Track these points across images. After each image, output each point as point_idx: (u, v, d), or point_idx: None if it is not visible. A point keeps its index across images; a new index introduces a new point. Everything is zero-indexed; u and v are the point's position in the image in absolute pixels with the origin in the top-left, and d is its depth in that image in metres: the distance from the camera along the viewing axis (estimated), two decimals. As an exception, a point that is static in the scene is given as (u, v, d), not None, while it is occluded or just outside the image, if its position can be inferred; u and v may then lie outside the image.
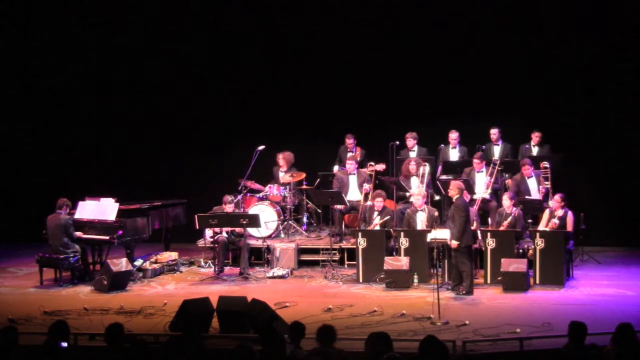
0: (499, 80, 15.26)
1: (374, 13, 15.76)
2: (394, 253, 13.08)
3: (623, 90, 15.19)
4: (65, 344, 7.72)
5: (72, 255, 12.99)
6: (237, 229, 13.74)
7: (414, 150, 14.91)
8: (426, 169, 14.18)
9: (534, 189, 13.98)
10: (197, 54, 16.33)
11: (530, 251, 12.71)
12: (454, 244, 12.04)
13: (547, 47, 15.36)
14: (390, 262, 12.69)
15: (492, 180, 14.04)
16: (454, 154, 14.89)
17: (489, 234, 12.80)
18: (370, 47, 15.79)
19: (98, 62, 16.50)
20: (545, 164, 13.94)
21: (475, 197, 13.76)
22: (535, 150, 14.66)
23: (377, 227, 13.37)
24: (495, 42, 15.42)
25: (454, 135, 14.85)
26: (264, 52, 16.19)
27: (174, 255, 14.20)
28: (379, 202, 13.46)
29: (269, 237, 14.48)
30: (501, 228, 12.89)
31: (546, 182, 13.89)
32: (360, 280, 13.03)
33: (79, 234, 13.21)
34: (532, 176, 13.99)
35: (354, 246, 13.34)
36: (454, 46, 15.51)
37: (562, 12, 15.24)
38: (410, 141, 14.88)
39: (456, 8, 15.47)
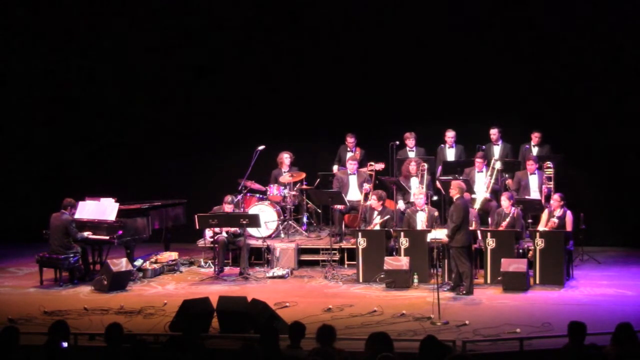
0: (499, 80, 15.25)
1: (373, 13, 15.75)
2: (394, 253, 13.08)
3: (623, 90, 15.18)
4: (65, 344, 7.73)
5: (72, 255, 12.99)
6: (232, 230, 13.72)
7: (413, 150, 14.91)
8: (425, 169, 14.18)
9: (535, 186, 13.99)
10: (197, 54, 16.32)
11: (530, 252, 12.73)
12: (444, 239, 12.06)
13: (547, 47, 15.35)
14: (390, 262, 12.69)
15: (492, 180, 14.05)
16: (450, 154, 14.89)
17: (488, 234, 12.80)
18: (371, 47, 15.78)
19: (98, 62, 16.49)
20: (549, 164, 13.95)
21: (474, 196, 13.76)
22: (535, 151, 14.65)
23: (377, 227, 13.37)
24: (495, 42, 15.41)
25: (450, 134, 14.86)
26: (264, 52, 16.18)
27: (174, 255, 14.20)
28: (373, 202, 13.44)
29: (269, 237, 14.48)
30: (500, 228, 12.90)
31: (549, 182, 13.89)
32: (360, 280, 13.02)
33: (87, 233, 13.22)
34: (534, 173, 14.01)
35: (354, 246, 13.34)
36: (454, 46, 15.49)
37: (562, 12, 15.23)
38: (411, 141, 14.87)
39: (456, 8, 15.46)
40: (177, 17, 16.27)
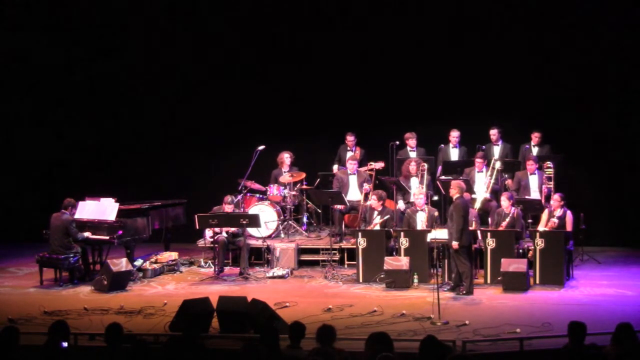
0: (499, 80, 15.25)
1: (373, 13, 15.75)
2: (394, 253, 13.08)
3: (623, 90, 15.17)
4: (65, 344, 7.73)
5: (72, 255, 12.99)
6: (232, 230, 13.72)
7: (414, 150, 14.90)
8: (425, 169, 14.17)
9: (535, 187, 14.00)
10: (196, 54, 16.32)
11: (530, 252, 12.72)
12: (455, 244, 12.03)
13: (547, 46, 15.35)
14: (390, 262, 12.69)
15: (492, 180, 14.05)
16: (454, 154, 14.89)
17: (488, 234, 12.79)
18: (370, 47, 15.78)
19: (98, 62, 16.48)
20: (549, 164, 13.96)
21: (474, 196, 13.75)
22: (535, 151, 14.65)
23: (377, 227, 13.37)
24: (495, 42, 15.41)
25: (455, 134, 14.85)
26: (264, 52, 16.17)
27: (174, 255, 14.20)
28: (373, 202, 13.45)
29: (269, 237, 14.48)
30: (500, 228, 12.89)
31: (549, 182, 13.89)
32: (360, 280, 13.02)
33: (87, 234, 13.22)
34: (535, 173, 14.02)
35: (354, 246, 13.34)
36: (454, 46, 15.50)
37: (562, 11, 15.24)
38: (413, 141, 14.85)
39: (456, 8, 15.46)
40: (177, 16, 16.27)
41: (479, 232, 12.94)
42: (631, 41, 15.04)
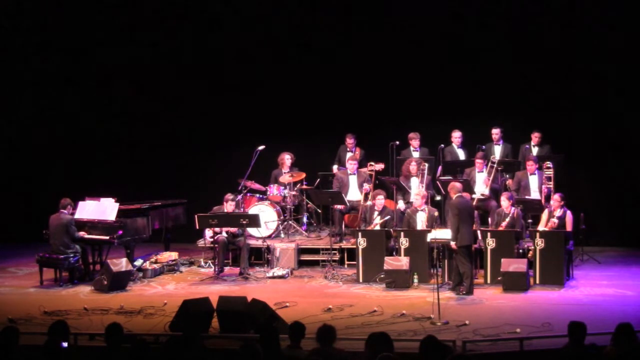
0: (499, 80, 15.25)
1: (374, 13, 15.75)
2: (394, 253, 13.08)
3: (623, 90, 15.18)
4: (65, 344, 7.73)
5: (72, 255, 12.99)
6: (232, 230, 13.72)
7: (418, 150, 14.89)
8: (425, 169, 14.17)
9: (535, 187, 14.00)
10: (196, 54, 16.32)
11: (530, 252, 12.72)
12: (452, 244, 12.05)
13: (548, 46, 15.35)
14: (390, 262, 12.69)
15: (491, 179, 14.05)
16: (461, 154, 14.86)
17: (489, 234, 12.80)
18: (371, 47, 15.77)
19: (98, 63, 16.49)
20: (549, 164, 13.95)
21: (475, 196, 13.75)
22: (535, 151, 14.65)
23: (377, 227, 13.37)
24: (495, 42, 15.42)
25: (457, 134, 14.84)
26: (264, 52, 16.17)
27: (174, 255, 14.20)
28: (380, 200, 13.47)
29: (269, 237, 14.48)
30: (500, 228, 12.89)
31: (549, 182, 13.89)
32: (360, 280, 13.02)
33: (82, 233, 13.22)
34: (535, 174, 14.02)
35: (354, 246, 13.34)
36: (454, 46, 15.50)
37: (562, 11, 15.24)
38: (416, 141, 14.84)
39: (455, 8, 15.46)
40: (177, 17, 16.28)
41: (479, 232, 12.95)
42: (631, 41, 15.03)
